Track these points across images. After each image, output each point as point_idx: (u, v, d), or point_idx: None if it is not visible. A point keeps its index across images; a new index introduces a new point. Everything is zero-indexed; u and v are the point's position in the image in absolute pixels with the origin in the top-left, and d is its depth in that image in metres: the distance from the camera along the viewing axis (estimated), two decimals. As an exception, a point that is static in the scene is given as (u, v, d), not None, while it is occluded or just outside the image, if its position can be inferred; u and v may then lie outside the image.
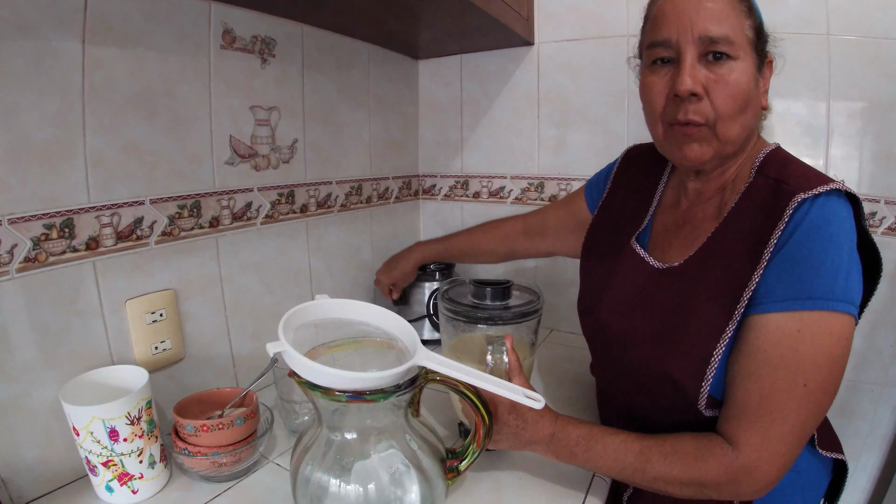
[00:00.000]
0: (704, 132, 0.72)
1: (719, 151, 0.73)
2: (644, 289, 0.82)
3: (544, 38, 1.46)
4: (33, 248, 0.76)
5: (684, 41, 0.70)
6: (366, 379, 0.64)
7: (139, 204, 0.90)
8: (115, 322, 0.87)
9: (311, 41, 1.22)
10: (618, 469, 0.74)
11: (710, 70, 0.69)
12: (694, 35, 0.69)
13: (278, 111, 1.16)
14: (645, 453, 0.72)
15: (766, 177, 0.72)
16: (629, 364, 0.81)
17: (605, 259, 0.92)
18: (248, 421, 0.83)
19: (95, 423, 0.72)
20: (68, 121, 0.79)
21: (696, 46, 0.69)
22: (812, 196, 0.66)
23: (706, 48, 0.69)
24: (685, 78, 0.69)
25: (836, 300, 0.64)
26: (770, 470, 0.66)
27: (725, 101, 0.69)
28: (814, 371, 0.65)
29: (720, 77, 0.69)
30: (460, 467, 0.75)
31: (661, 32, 0.72)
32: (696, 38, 0.69)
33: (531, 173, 1.56)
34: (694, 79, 0.69)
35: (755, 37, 0.71)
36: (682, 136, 0.74)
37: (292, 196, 1.22)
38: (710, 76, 0.69)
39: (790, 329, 0.65)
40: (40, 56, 0.75)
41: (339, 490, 0.67)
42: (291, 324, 0.72)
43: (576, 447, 0.76)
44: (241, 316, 1.11)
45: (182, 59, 0.94)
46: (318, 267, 1.32)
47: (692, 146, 0.73)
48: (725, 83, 0.69)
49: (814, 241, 0.65)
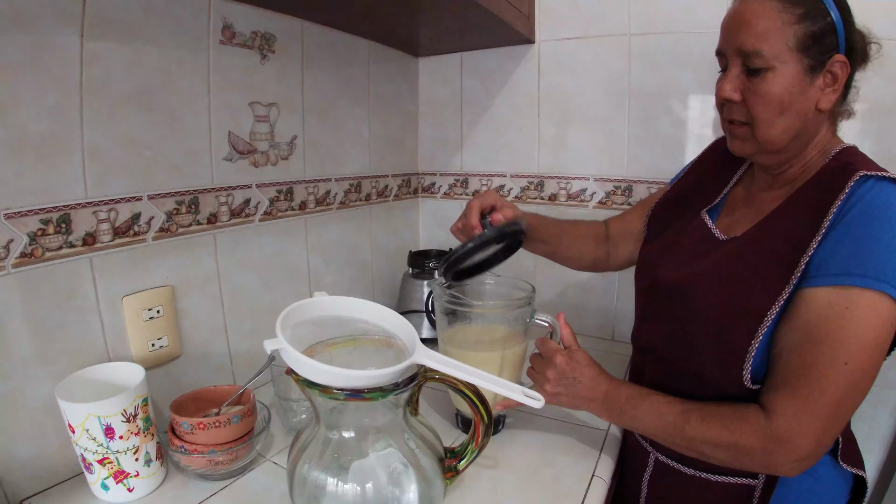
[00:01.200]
0: (745, 131, 0.80)
1: (761, 149, 0.80)
2: (706, 255, 0.84)
3: (545, 37, 1.46)
4: (30, 243, 0.75)
5: (729, 53, 0.78)
6: (364, 377, 0.64)
7: (137, 199, 0.89)
8: (112, 318, 0.87)
9: (311, 37, 1.22)
10: (660, 427, 0.79)
11: (748, 79, 0.76)
12: (734, 48, 0.76)
13: (277, 107, 1.15)
14: (685, 414, 0.76)
15: (837, 160, 0.76)
16: (681, 318, 0.83)
17: (674, 225, 0.97)
18: (245, 419, 0.82)
19: (91, 420, 0.71)
20: (66, 115, 0.78)
21: (739, 57, 0.76)
22: (876, 177, 0.69)
23: (744, 60, 0.76)
24: (722, 86, 0.78)
25: (887, 282, 0.64)
26: (803, 444, 0.67)
27: (757, 108, 0.76)
28: (857, 351, 0.65)
29: (753, 86, 0.75)
30: (459, 467, 0.74)
31: (719, 44, 0.81)
32: (736, 51, 0.76)
33: (531, 172, 1.55)
34: (731, 87, 0.78)
35: (805, 43, 0.72)
36: (729, 131, 0.84)
37: (291, 193, 1.21)
38: (747, 84, 0.76)
39: (839, 306, 0.66)
40: (38, 49, 0.74)
41: (337, 489, 0.67)
42: (289, 321, 0.71)
43: (626, 405, 0.82)
44: (239, 313, 1.11)
45: (181, 53, 0.94)
46: (317, 264, 1.31)
47: (735, 141, 0.83)
48: (756, 92, 0.75)
49: (872, 220, 0.66)
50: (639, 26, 1.33)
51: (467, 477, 0.83)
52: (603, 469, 0.88)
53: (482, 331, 0.96)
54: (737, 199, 0.91)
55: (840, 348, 0.65)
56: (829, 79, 0.75)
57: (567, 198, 1.50)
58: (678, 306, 0.84)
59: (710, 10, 1.23)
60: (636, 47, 1.34)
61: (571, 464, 0.89)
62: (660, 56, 1.31)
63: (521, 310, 0.93)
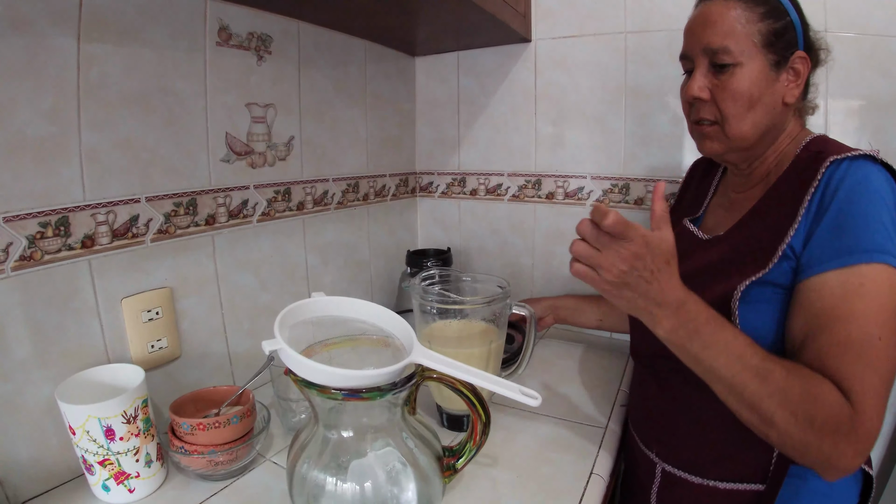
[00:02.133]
0: (715, 130, 0.82)
1: (732, 146, 0.82)
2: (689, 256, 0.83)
3: (541, 35, 1.46)
4: (28, 246, 0.76)
5: (695, 54, 0.81)
6: (362, 377, 0.64)
7: (135, 202, 0.89)
8: (111, 320, 0.87)
9: (308, 38, 1.22)
10: (737, 369, 0.66)
11: (716, 76, 0.79)
12: (700, 47, 0.80)
13: (274, 108, 1.15)
14: (768, 362, 0.66)
15: (808, 150, 0.78)
16: None
17: None
18: (245, 419, 0.83)
19: (91, 421, 0.71)
20: (63, 118, 0.79)
21: (705, 57, 0.80)
22: (849, 158, 0.71)
23: (711, 58, 0.79)
24: (690, 85, 0.82)
25: (887, 252, 0.65)
26: (870, 428, 0.62)
27: (726, 104, 0.79)
28: (884, 323, 0.64)
29: (722, 82, 0.79)
30: (457, 465, 0.75)
31: (683, 47, 0.85)
32: (701, 50, 0.80)
33: (528, 170, 1.55)
34: (699, 86, 0.81)
35: (769, 39, 0.77)
36: (698, 132, 0.86)
37: (289, 193, 1.21)
38: (715, 82, 0.79)
39: (853, 283, 0.65)
40: (35, 52, 0.74)
41: (336, 488, 0.67)
42: (287, 321, 0.72)
43: (706, 325, 0.68)
44: (238, 314, 1.11)
45: (177, 55, 0.94)
46: (315, 265, 1.32)
47: (705, 142, 0.85)
48: (724, 88, 0.78)
49: (859, 197, 0.68)
50: (635, 24, 1.33)
51: (466, 475, 0.84)
52: (601, 466, 0.88)
53: (463, 327, 0.97)
54: (716, 206, 0.96)
55: (870, 323, 0.64)
56: (792, 74, 0.79)
57: (564, 196, 1.51)
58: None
59: (705, 7, 1.23)
60: (632, 45, 1.34)
61: (570, 461, 0.89)
62: (656, 53, 1.32)
63: (502, 303, 0.93)
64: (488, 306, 0.92)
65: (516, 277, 1.63)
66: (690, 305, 0.68)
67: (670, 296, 0.67)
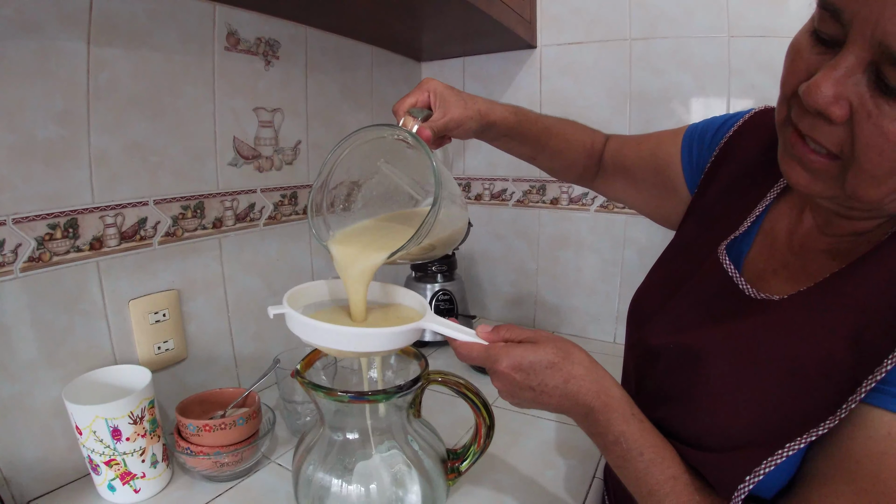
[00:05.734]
0: (831, 167, 0.47)
1: (840, 201, 0.50)
2: (720, 320, 0.59)
3: (547, 42, 1.47)
4: (37, 247, 0.76)
5: (857, 31, 0.40)
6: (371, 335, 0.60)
7: (143, 204, 0.90)
8: (119, 322, 0.88)
9: (315, 43, 1.23)
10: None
11: (873, 96, 0.41)
12: (872, 30, 0.39)
13: (282, 113, 1.16)
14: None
15: None
16: (675, 398, 0.59)
17: (678, 261, 0.72)
18: (251, 421, 0.83)
19: (98, 422, 0.72)
20: (73, 120, 0.79)
21: (869, 50, 0.40)
22: None
23: (883, 60, 0.39)
24: (820, 84, 0.42)
25: None
26: None
27: (869, 152, 0.42)
28: None
29: (879, 115, 0.41)
30: (461, 468, 0.75)
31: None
32: (871, 37, 0.39)
33: (533, 176, 1.56)
34: (837, 91, 0.42)
35: None
36: (797, 156, 0.49)
37: (295, 197, 1.22)
38: (868, 105, 0.41)
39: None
40: (45, 55, 0.75)
41: (341, 490, 0.67)
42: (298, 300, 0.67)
43: (614, 446, 0.57)
44: (244, 316, 1.11)
45: (186, 59, 0.95)
46: (321, 268, 1.32)
47: (801, 173, 0.50)
48: (880, 128, 0.41)
49: None
50: (640, 31, 1.33)
51: (469, 478, 0.84)
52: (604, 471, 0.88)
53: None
54: (776, 233, 0.62)
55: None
56: None
57: (569, 202, 1.51)
58: (671, 380, 0.61)
59: (710, 14, 1.24)
60: (637, 52, 1.35)
61: (573, 465, 0.89)
62: (662, 60, 1.32)
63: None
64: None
65: (520, 282, 1.63)
66: (598, 416, 0.57)
67: (566, 404, 0.58)
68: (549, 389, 0.57)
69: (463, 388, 0.71)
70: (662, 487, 0.53)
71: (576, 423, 0.60)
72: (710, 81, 1.27)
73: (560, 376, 0.57)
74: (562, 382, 0.57)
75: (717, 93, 1.27)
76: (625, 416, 0.56)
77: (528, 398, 0.59)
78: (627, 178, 0.87)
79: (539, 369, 0.57)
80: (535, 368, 0.57)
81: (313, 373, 0.75)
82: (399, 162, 0.71)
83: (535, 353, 0.58)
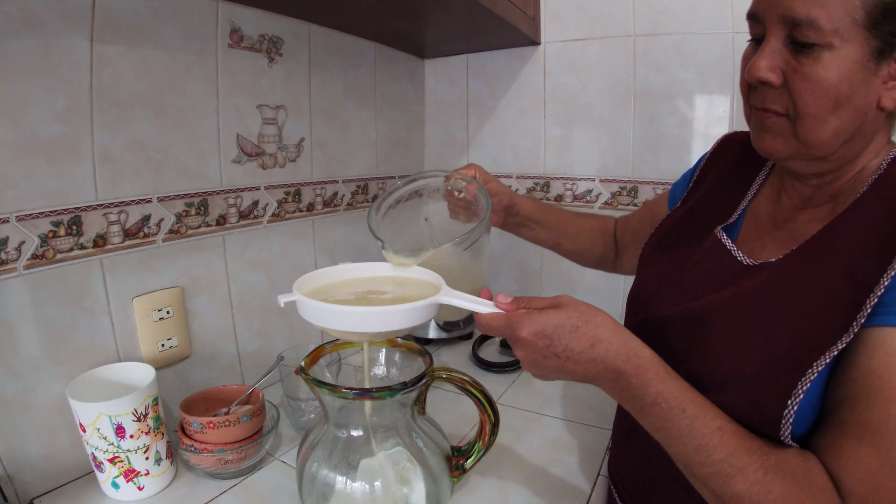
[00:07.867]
0: (782, 124, 0.60)
1: (799, 152, 0.61)
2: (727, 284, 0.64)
3: (550, 38, 1.46)
4: (41, 245, 0.76)
5: (768, 18, 0.57)
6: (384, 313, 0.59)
7: (146, 202, 0.90)
8: (122, 319, 0.88)
9: (318, 40, 1.22)
10: (696, 460, 0.55)
11: (794, 56, 0.56)
12: (777, 12, 0.56)
13: (285, 110, 1.16)
14: (742, 456, 0.53)
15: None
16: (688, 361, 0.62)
17: (678, 249, 0.77)
18: (255, 418, 0.83)
19: (102, 419, 0.72)
20: (76, 118, 0.79)
21: (782, 26, 0.56)
22: None
23: (791, 30, 0.55)
24: (756, 61, 0.58)
25: None
26: None
27: (803, 97, 0.56)
28: None
29: (802, 67, 0.56)
30: (466, 465, 0.75)
31: (752, 4, 0.60)
32: (779, 17, 0.56)
33: (537, 173, 1.55)
34: (768, 64, 0.58)
35: (874, 18, 0.53)
36: (757, 122, 0.63)
37: (299, 195, 1.22)
38: (793, 64, 0.56)
39: None
40: (48, 53, 0.75)
41: (346, 487, 0.67)
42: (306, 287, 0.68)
43: (652, 408, 0.56)
44: (248, 314, 1.11)
45: (189, 57, 0.94)
46: (325, 265, 1.31)
47: (765, 137, 0.63)
48: (804, 76, 0.56)
49: None
50: (644, 27, 1.33)
51: (474, 475, 0.84)
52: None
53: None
54: (760, 217, 0.72)
55: None
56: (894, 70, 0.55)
57: (573, 198, 1.50)
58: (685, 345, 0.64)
59: (714, 10, 1.23)
60: (641, 48, 1.34)
61: (577, 462, 0.89)
62: (665, 56, 1.31)
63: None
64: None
65: (525, 279, 1.62)
66: (631, 378, 0.56)
67: (593, 370, 0.57)
68: (575, 355, 0.57)
69: (468, 385, 0.71)
70: (710, 440, 0.54)
71: (604, 389, 0.59)
72: (714, 78, 1.27)
73: (586, 340, 0.56)
74: (588, 347, 0.56)
75: (721, 89, 1.27)
76: (659, 375, 0.56)
77: (552, 367, 0.58)
78: (637, 244, 0.92)
79: (563, 334, 0.57)
80: (559, 333, 0.57)
81: (317, 370, 0.75)
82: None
83: (559, 317, 0.57)
